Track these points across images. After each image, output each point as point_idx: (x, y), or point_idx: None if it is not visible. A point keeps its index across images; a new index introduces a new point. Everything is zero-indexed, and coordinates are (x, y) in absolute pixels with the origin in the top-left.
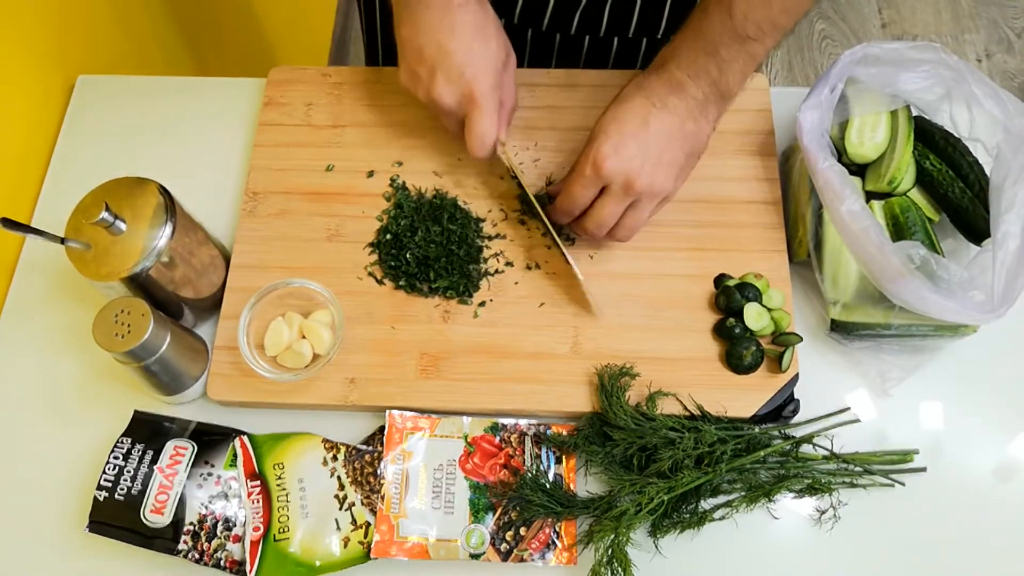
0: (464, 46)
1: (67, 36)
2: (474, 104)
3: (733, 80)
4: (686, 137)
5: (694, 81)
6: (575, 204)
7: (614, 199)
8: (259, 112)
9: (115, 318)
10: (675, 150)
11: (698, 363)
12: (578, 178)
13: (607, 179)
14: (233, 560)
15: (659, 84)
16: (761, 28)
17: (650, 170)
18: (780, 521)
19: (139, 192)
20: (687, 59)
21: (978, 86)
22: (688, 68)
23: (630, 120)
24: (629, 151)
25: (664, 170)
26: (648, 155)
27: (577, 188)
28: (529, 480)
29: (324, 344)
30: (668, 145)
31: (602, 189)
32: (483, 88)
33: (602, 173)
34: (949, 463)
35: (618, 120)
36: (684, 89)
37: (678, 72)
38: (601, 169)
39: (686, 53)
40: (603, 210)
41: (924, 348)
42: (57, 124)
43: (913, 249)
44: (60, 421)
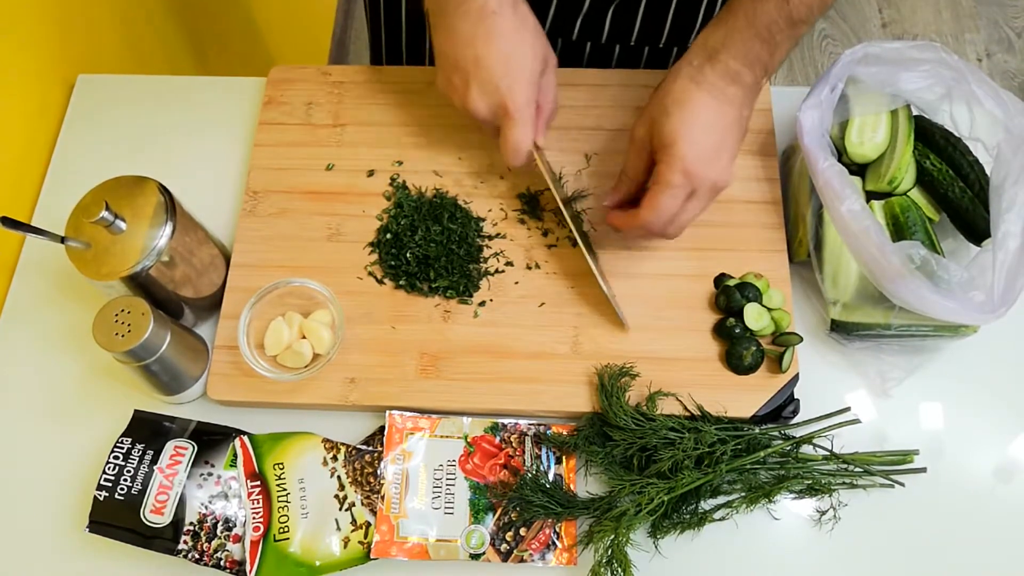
0: (499, 56)
1: (67, 36)
2: (508, 116)
3: (779, 60)
4: (742, 124)
5: (750, 70)
6: (664, 215)
7: (700, 201)
8: (259, 112)
9: (115, 318)
10: (736, 140)
11: (698, 363)
12: (666, 188)
13: (698, 184)
14: (233, 560)
15: (716, 77)
16: (812, 10)
17: (726, 165)
18: (780, 522)
19: (139, 191)
20: (742, 48)
21: (978, 86)
22: (743, 57)
23: (701, 121)
24: (709, 151)
25: (731, 162)
26: (723, 151)
27: (667, 200)
28: (529, 480)
29: (324, 344)
30: (732, 138)
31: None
32: (517, 100)
33: (694, 179)
34: (949, 463)
35: (689, 123)
36: (740, 78)
37: (733, 63)
38: (694, 176)
39: (740, 41)
40: (688, 214)
41: (924, 348)
42: (57, 124)
43: (913, 249)
44: (60, 421)
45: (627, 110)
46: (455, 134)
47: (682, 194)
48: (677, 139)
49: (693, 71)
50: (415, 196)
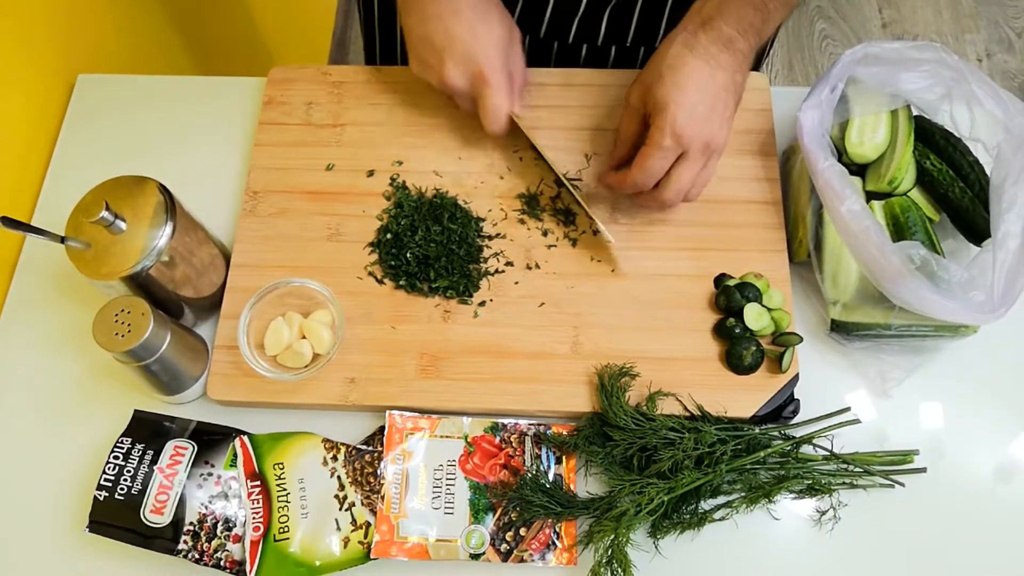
0: (469, 29)
1: (67, 36)
2: (484, 82)
3: (772, 28)
4: (736, 89)
5: (743, 36)
6: (653, 175)
7: (693, 163)
8: (259, 112)
9: (115, 317)
10: (730, 103)
11: (698, 363)
12: (655, 150)
13: (687, 145)
14: (233, 560)
15: (709, 42)
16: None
17: (719, 128)
18: (780, 522)
19: (139, 191)
20: (735, 15)
21: (978, 86)
22: (737, 24)
23: (693, 84)
24: (701, 114)
25: (727, 124)
26: (714, 114)
27: (655, 160)
28: (529, 480)
29: (324, 344)
30: (726, 100)
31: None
32: (491, 65)
33: (683, 141)
34: (949, 463)
35: (682, 87)
36: (734, 44)
37: (727, 28)
38: (683, 138)
39: (734, 8)
40: (684, 175)
41: (924, 348)
42: (57, 124)
43: (913, 249)
44: (60, 421)
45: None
46: (455, 134)
47: (671, 155)
48: (669, 101)
49: (687, 36)
50: (415, 196)
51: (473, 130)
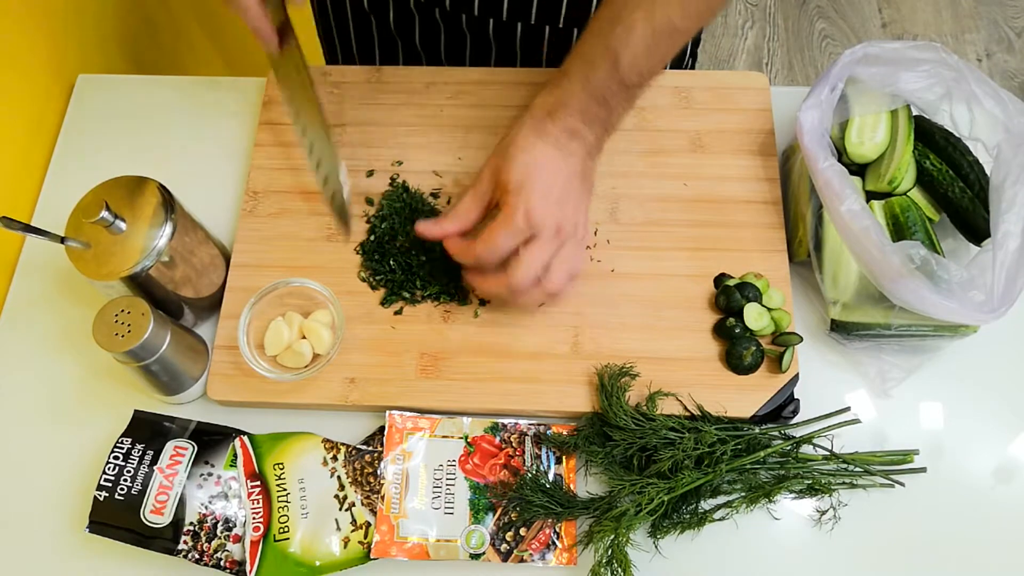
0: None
1: (67, 36)
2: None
3: (618, 119)
4: (587, 176)
5: (589, 127)
6: (498, 252)
7: (544, 245)
8: (259, 112)
9: (115, 318)
10: (582, 190)
11: (698, 363)
12: (504, 227)
13: (538, 227)
14: (233, 560)
15: (558, 131)
16: (643, 76)
17: (572, 212)
18: (780, 522)
19: (139, 191)
20: (579, 108)
21: (978, 86)
22: (581, 116)
23: (545, 168)
24: (553, 197)
25: (581, 211)
26: (568, 198)
27: (502, 237)
28: (529, 480)
29: (324, 344)
30: (578, 187)
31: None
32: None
33: (534, 222)
34: (949, 463)
35: (533, 169)
36: (581, 135)
37: (571, 120)
38: (533, 218)
39: (575, 103)
40: (534, 256)
41: (924, 348)
42: (57, 124)
43: (913, 249)
44: (60, 421)
45: None
46: (454, 134)
47: (520, 235)
48: (521, 183)
49: (535, 123)
50: (396, 196)
51: (473, 130)
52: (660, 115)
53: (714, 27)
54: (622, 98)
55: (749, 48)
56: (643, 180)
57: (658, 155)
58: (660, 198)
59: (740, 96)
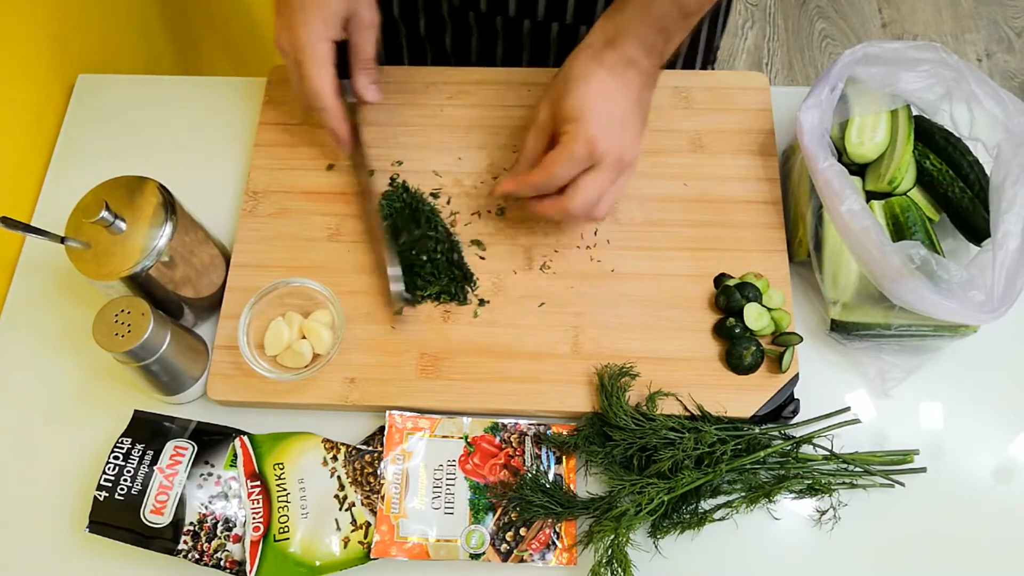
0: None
1: (67, 36)
2: (299, 48)
3: (673, 48)
4: (643, 106)
5: (647, 56)
6: (557, 180)
7: (604, 175)
8: (259, 112)
9: (115, 318)
10: (639, 120)
11: (698, 363)
12: (565, 156)
13: (600, 157)
14: (233, 560)
15: (616, 60)
16: (702, 4)
17: (631, 142)
18: (780, 522)
19: (139, 191)
20: (638, 36)
21: (978, 85)
22: (640, 45)
23: (605, 96)
24: (614, 126)
25: (637, 140)
26: (627, 127)
27: (562, 166)
28: (529, 480)
29: (324, 344)
30: (635, 116)
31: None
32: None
33: (597, 153)
34: (949, 463)
35: (594, 98)
36: (638, 63)
37: (631, 48)
38: (597, 148)
39: (636, 30)
40: (593, 185)
41: (924, 348)
42: (57, 124)
43: (913, 249)
44: (60, 421)
45: None
46: (454, 134)
47: (581, 164)
48: (582, 112)
49: (593, 52)
50: (395, 195)
51: (473, 130)
52: (660, 115)
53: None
54: (680, 25)
55: (749, 48)
56: (643, 180)
57: (658, 155)
58: (660, 198)
59: (740, 96)
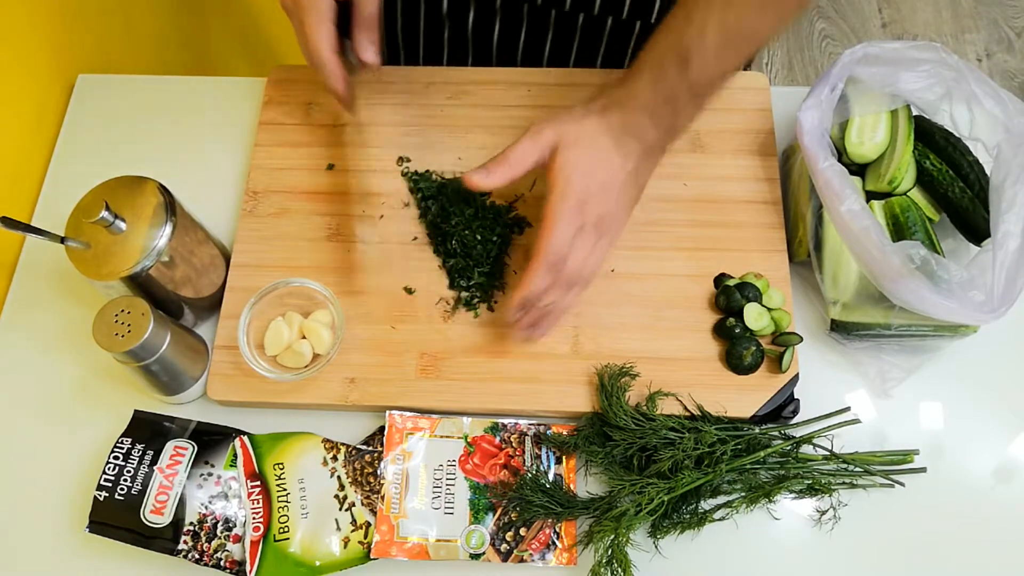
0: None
1: (67, 36)
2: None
3: (683, 123)
4: (638, 177)
5: (654, 128)
6: (563, 245)
7: (588, 236)
8: (259, 112)
9: (115, 318)
10: (631, 190)
11: (698, 363)
12: (562, 219)
13: (586, 217)
14: (233, 560)
15: (621, 126)
16: (713, 81)
17: (615, 208)
18: (780, 522)
19: (139, 191)
20: (646, 107)
21: (978, 85)
22: (648, 115)
23: (600, 161)
24: (603, 191)
25: (623, 209)
26: (613, 195)
27: (562, 228)
28: (529, 480)
29: (324, 344)
30: (626, 187)
31: None
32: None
33: (585, 211)
34: (949, 463)
35: (591, 160)
36: (644, 133)
37: (637, 116)
38: (584, 208)
39: (645, 101)
40: (578, 251)
41: (924, 348)
42: (57, 124)
43: (913, 249)
44: (60, 421)
45: None
46: (455, 134)
47: (575, 225)
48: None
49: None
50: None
51: (473, 130)
52: None
53: None
54: (689, 101)
55: None
56: None
57: None
58: (660, 198)
59: (740, 96)
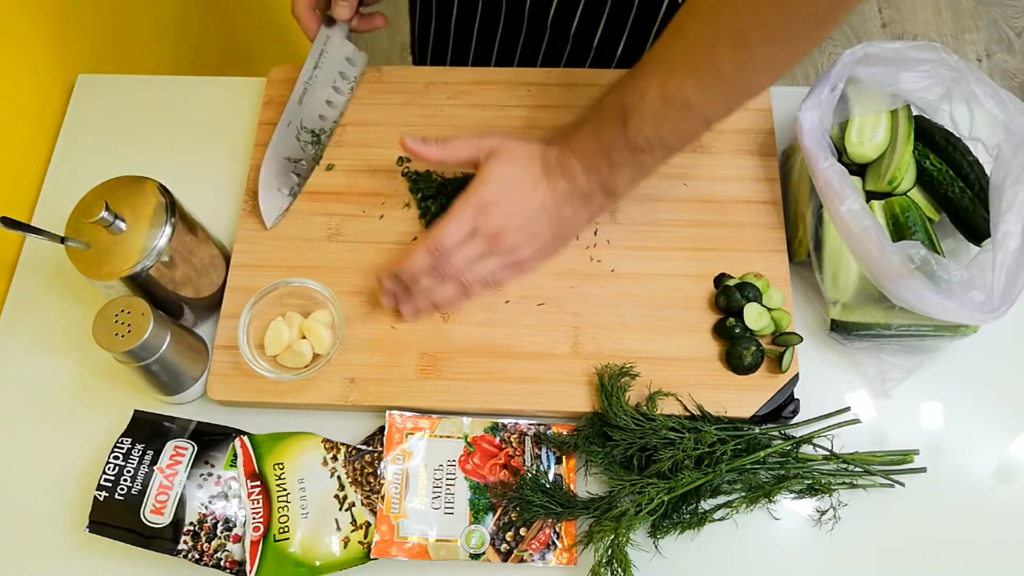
0: None
1: (67, 36)
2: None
3: (621, 182)
4: (560, 219)
5: (585, 174)
6: (448, 239)
7: (477, 243)
8: (259, 112)
9: (115, 318)
10: (544, 225)
11: (698, 363)
12: (455, 215)
13: (480, 224)
14: (233, 560)
15: (556, 162)
16: (651, 143)
17: (516, 231)
18: (780, 522)
19: (139, 191)
20: (584, 152)
21: (978, 85)
22: (583, 160)
23: (520, 181)
24: (509, 209)
25: (529, 238)
26: (520, 219)
27: (452, 224)
28: (529, 480)
29: (324, 344)
30: (541, 219)
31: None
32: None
33: (480, 217)
34: (949, 463)
35: (511, 177)
36: (575, 177)
37: (574, 160)
38: (482, 214)
39: (582, 147)
40: (465, 251)
41: (924, 348)
42: (57, 124)
43: (913, 249)
44: (60, 421)
45: None
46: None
47: (467, 226)
48: (493, 179)
49: (548, 144)
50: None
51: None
52: None
53: None
54: (626, 158)
55: None
56: None
57: None
58: (660, 198)
59: None
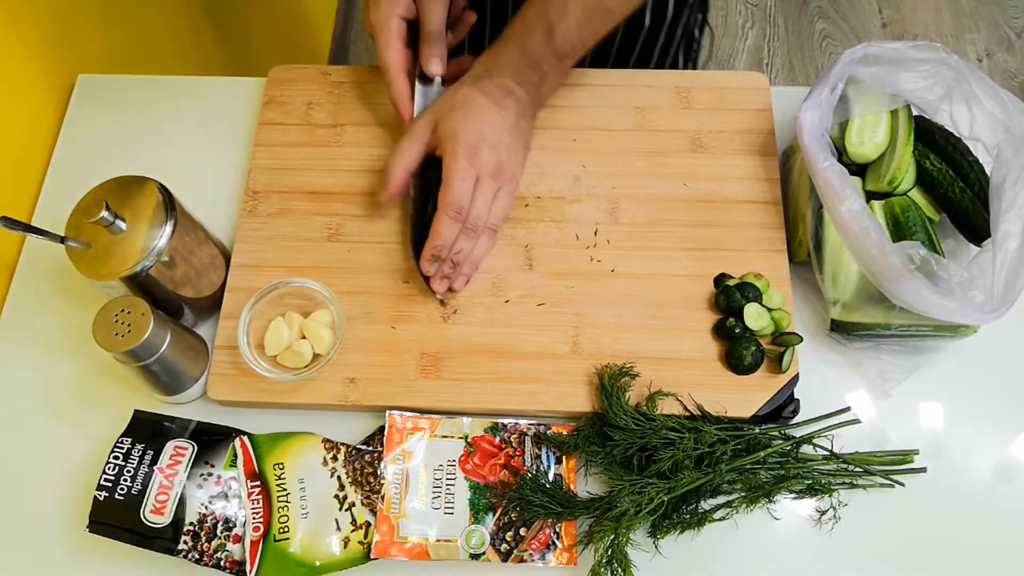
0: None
1: (67, 36)
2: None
3: (549, 88)
4: (521, 131)
5: (523, 87)
6: (462, 196)
7: (485, 187)
8: (259, 112)
9: (115, 318)
10: (516, 141)
11: (698, 363)
12: (455, 173)
13: (480, 169)
14: (233, 560)
15: (494, 88)
16: (575, 47)
17: (507, 157)
18: (780, 522)
19: (139, 191)
20: (514, 70)
21: (978, 85)
22: (516, 77)
23: (480, 117)
24: (489, 142)
25: (515, 157)
26: (502, 145)
27: (457, 182)
28: (529, 480)
29: (324, 344)
30: (512, 137)
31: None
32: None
33: (476, 162)
34: (949, 463)
35: (472, 118)
36: (514, 93)
37: (506, 80)
38: (475, 158)
39: (512, 65)
40: (479, 200)
41: (924, 348)
42: (57, 124)
43: (913, 249)
44: (60, 421)
45: (628, 110)
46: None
47: (471, 177)
48: (459, 129)
49: (474, 81)
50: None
51: None
52: (660, 115)
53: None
54: (555, 66)
55: (749, 48)
56: (643, 180)
57: (658, 155)
58: (660, 198)
59: (740, 96)
